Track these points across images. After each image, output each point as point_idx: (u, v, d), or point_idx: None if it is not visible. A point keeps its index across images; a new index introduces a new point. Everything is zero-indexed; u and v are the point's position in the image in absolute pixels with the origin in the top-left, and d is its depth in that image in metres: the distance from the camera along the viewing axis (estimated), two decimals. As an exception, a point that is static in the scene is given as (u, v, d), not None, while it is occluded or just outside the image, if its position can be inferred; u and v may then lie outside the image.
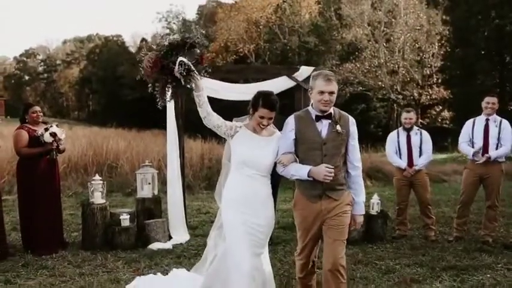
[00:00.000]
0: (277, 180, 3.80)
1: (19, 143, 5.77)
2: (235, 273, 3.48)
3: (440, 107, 30.86)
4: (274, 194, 3.78)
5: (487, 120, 6.11)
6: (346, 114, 3.61)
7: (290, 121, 3.61)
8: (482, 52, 24.67)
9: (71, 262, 5.40)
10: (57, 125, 5.93)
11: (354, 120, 3.62)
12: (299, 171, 3.46)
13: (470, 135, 6.18)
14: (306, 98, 6.72)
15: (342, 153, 3.52)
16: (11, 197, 9.13)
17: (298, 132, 3.54)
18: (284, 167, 3.51)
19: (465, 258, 5.45)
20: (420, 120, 28.34)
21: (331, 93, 3.42)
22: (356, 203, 3.64)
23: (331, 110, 3.51)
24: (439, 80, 28.08)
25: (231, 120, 3.75)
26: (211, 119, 3.65)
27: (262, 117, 3.58)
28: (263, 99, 3.60)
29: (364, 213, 3.73)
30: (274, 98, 3.64)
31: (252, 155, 3.58)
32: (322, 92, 3.41)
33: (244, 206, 3.56)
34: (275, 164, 3.62)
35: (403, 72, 28.50)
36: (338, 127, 3.48)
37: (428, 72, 28.34)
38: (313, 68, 6.77)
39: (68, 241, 6.33)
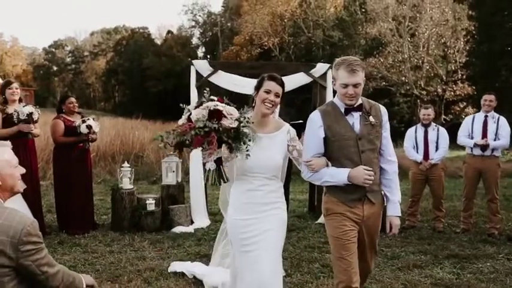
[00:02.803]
0: (288, 176, 3.64)
1: (56, 132, 6.25)
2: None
3: (465, 103, 30.55)
4: (286, 191, 3.53)
5: (486, 116, 6.37)
6: (376, 103, 3.19)
7: (315, 117, 3.10)
8: (509, 48, 24.36)
9: (102, 241, 5.90)
10: (93, 119, 6.42)
11: (385, 109, 3.20)
12: (335, 176, 3.03)
13: (470, 130, 6.43)
14: (321, 93, 7.10)
15: (377, 147, 3.13)
16: (45, 183, 9.71)
17: (327, 129, 3.05)
18: (313, 172, 3.09)
19: (468, 248, 5.70)
20: (443, 116, 28.14)
21: (356, 85, 2.96)
22: (391, 203, 3.22)
23: (360, 100, 3.09)
24: (464, 76, 27.82)
25: None
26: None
27: (268, 92, 3.11)
28: (268, 75, 3.20)
29: (400, 214, 3.27)
30: (279, 76, 3.21)
31: (255, 158, 3.02)
32: (345, 85, 2.96)
33: (250, 214, 3.15)
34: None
35: (427, 67, 28.26)
36: (371, 118, 3.07)
37: (453, 68, 28.05)
38: (328, 65, 7.06)
39: (98, 223, 6.84)
